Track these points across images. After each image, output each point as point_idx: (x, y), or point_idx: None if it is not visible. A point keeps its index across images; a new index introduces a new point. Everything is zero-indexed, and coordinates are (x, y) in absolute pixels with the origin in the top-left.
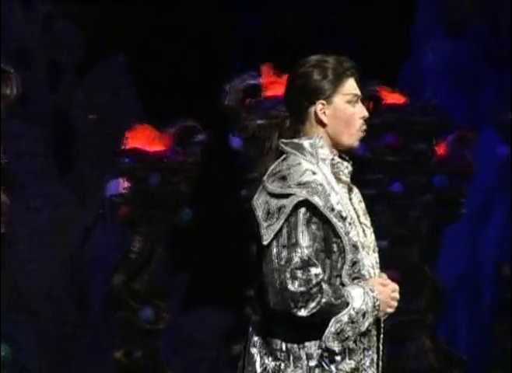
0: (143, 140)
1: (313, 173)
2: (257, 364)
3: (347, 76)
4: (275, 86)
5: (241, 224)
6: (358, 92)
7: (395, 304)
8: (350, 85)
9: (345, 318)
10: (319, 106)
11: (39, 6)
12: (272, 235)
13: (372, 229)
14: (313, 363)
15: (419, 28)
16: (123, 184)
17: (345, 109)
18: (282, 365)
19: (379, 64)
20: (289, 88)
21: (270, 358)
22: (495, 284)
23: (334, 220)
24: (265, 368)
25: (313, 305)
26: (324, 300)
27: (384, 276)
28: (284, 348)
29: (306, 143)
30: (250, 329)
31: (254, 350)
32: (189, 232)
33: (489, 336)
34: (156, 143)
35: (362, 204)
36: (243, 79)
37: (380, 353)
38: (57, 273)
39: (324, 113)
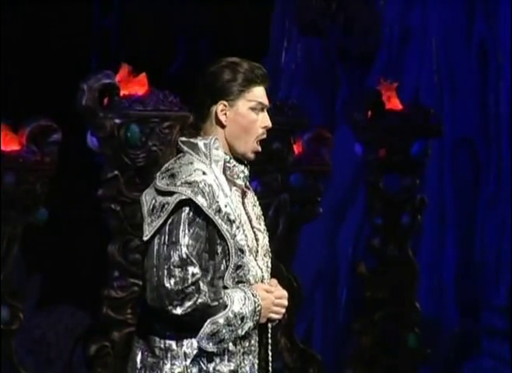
0: None
1: (204, 173)
2: (138, 360)
3: (256, 83)
4: (131, 85)
5: (97, 223)
6: (264, 101)
7: (281, 310)
8: (257, 93)
9: (222, 321)
10: (220, 107)
11: None
12: (153, 232)
13: (266, 234)
14: (190, 362)
15: (276, 27)
16: None
17: (246, 115)
18: (161, 362)
19: None
20: (197, 85)
21: (149, 355)
22: (351, 283)
23: (220, 222)
24: (144, 364)
25: (188, 304)
26: (200, 300)
27: (274, 282)
28: (162, 345)
29: (200, 143)
30: (136, 324)
31: (136, 346)
32: (45, 232)
33: (344, 334)
34: (10, 142)
35: (257, 209)
36: (99, 78)
37: (270, 358)
38: None
39: (225, 114)
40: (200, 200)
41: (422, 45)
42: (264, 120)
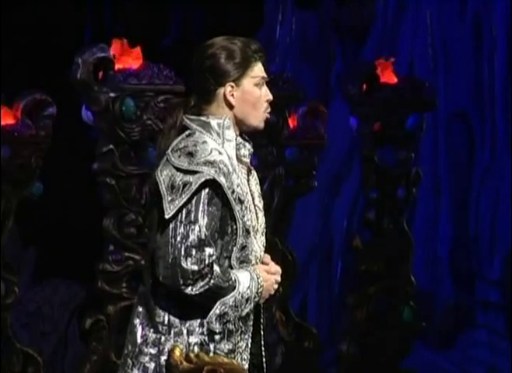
0: None
1: (220, 153)
2: (138, 335)
3: (255, 59)
4: (125, 59)
5: (92, 197)
6: (265, 74)
7: (275, 287)
8: (258, 68)
9: (231, 302)
10: (228, 89)
11: None
12: (175, 210)
13: (263, 212)
14: (193, 339)
15: (270, 1)
16: None
17: (252, 92)
18: (163, 338)
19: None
20: (196, 69)
21: (151, 330)
22: (346, 256)
23: (234, 202)
24: (146, 340)
25: (201, 284)
26: (212, 281)
27: (268, 258)
28: (166, 322)
29: (214, 122)
30: (136, 299)
31: (136, 321)
32: (40, 206)
33: (339, 307)
34: (5, 116)
35: (258, 187)
36: (94, 52)
37: (262, 332)
38: None
39: (233, 95)
40: (222, 181)
41: (416, 18)
42: (266, 93)
